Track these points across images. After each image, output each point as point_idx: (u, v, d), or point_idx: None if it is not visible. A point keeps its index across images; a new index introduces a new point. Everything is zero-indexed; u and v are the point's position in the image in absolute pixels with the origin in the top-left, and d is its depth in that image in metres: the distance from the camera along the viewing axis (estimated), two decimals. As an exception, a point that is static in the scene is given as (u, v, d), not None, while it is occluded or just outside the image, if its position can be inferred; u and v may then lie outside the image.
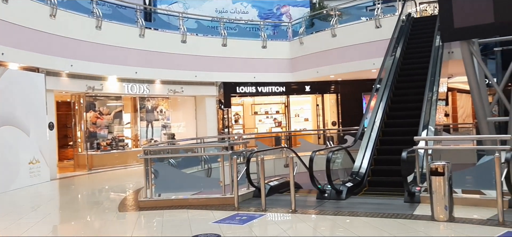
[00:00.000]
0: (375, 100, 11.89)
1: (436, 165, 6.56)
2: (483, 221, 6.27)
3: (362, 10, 18.58)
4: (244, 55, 18.03)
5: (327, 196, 8.44)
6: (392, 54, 13.19)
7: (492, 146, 8.55)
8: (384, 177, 9.58)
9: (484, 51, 14.10)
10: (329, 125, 20.01)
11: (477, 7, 9.09)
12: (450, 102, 21.98)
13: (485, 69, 10.46)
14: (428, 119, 10.32)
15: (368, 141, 10.57)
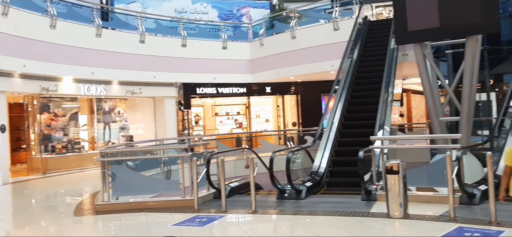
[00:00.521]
0: (334, 101, 12.12)
1: (391, 164, 6.76)
2: (436, 218, 6.51)
3: (321, 13, 18.89)
4: (204, 56, 17.93)
5: (287, 196, 8.52)
6: (350, 56, 13.48)
7: (444, 145, 8.95)
8: (342, 177, 9.73)
9: (436, 54, 14.64)
10: (290, 126, 20.21)
11: (427, 12, 9.42)
12: (405, 103, 22.69)
13: (437, 71, 10.86)
14: (384, 120, 10.61)
15: (327, 141, 10.76)
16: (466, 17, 9.16)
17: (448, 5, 9.26)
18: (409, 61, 13.60)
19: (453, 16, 9.28)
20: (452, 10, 9.27)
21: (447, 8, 9.30)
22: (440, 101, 10.82)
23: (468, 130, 9.93)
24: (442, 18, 9.37)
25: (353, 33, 14.33)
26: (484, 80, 14.07)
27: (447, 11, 9.31)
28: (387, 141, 9.71)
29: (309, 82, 19.53)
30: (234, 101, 20.13)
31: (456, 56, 13.69)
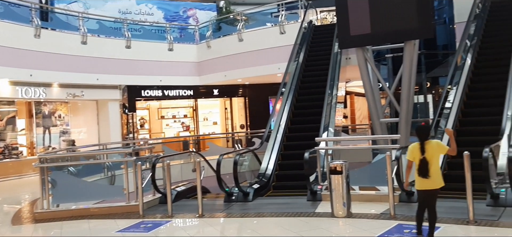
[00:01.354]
0: (280, 103, 12.28)
1: (335, 164, 6.96)
2: (377, 216, 6.77)
3: (268, 16, 19.10)
4: (150, 58, 17.58)
5: (234, 198, 8.54)
6: (296, 59, 13.71)
7: (384, 145, 9.31)
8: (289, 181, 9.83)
9: (377, 58, 15.24)
10: (238, 128, 20.25)
11: (368, 18, 9.78)
12: (349, 105, 23.38)
13: (378, 74, 11.28)
14: (328, 121, 10.87)
15: (274, 143, 10.87)
16: (404, 23, 9.59)
17: (387, 12, 9.66)
18: (352, 64, 14.03)
19: (392, 22, 9.69)
20: (391, 16, 9.67)
21: (386, 14, 9.69)
22: (380, 103, 11.24)
23: (407, 131, 10.37)
24: (382, 24, 9.76)
25: (299, 37, 14.58)
26: (422, 83, 14.83)
27: (386, 17, 9.70)
28: (332, 142, 9.97)
29: (257, 85, 19.67)
30: (181, 104, 19.89)
31: (395, 60, 14.32)
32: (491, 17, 12.87)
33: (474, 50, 11.63)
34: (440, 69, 15.20)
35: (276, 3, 17.65)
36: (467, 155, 6.18)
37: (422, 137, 5.32)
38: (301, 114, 12.02)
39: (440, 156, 5.63)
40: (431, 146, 5.26)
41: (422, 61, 14.63)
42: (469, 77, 11.02)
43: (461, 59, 11.41)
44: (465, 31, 11.84)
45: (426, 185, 5.25)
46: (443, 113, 10.19)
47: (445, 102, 10.44)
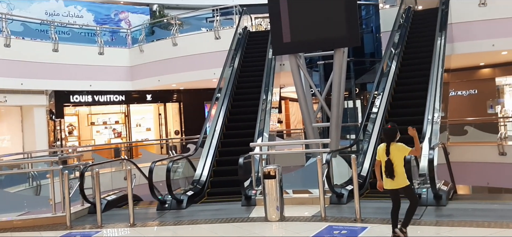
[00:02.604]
0: (216, 108, 12.25)
1: (268, 169, 7.04)
2: (309, 218, 6.93)
3: (202, 21, 18.99)
4: (79, 62, 16.83)
5: (167, 206, 8.39)
6: (231, 65, 13.75)
7: (316, 149, 9.57)
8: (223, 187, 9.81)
9: (309, 64, 15.68)
10: (172, 134, 19.92)
11: (300, 26, 10.05)
12: (284, 110, 23.84)
13: (310, 80, 11.59)
14: (263, 126, 11.01)
15: (209, 149, 10.81)
16: (334, 32, 9.95)
17: (318, 21, 9.97)
18: (286, 70, 14.29)
19: (322, 31, 10.02)
20: (321, 24, 10.00)
21: (317, 23, 10.00)
22: (313, 108, 11.55)
23: (337, 135, 10.74)
24: (313, 32, 10.07)
25: (234, 42, 14.64)
26: (351, 88, 15.44)
27: (317, 26, 10.02)
28: (266, 147, 10.09)
29: (192, 90, 19.47)
30: (112, 110, 19.22)
31: (326, 67, 14.80)
32: (414, 26, 13.70)
33: (399, 58, 12.31)
34: (368, 76, 15.90)
35: (211, 9, 17.59)
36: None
37: (388, 139, 5.57)
38: (236, 120, 12.07)
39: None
40: (395, 147, 5.52)
41: (351, 68, 15.23)
42: (394, 83, 11.65)
43: (387, 66, 12.04)
44: (390, 39, 12.49)
45: (393, 184, 5.54)
46: (371, 117, 10.69)
47: (372, 107, 10.96)
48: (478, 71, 17.15)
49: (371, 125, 10.48)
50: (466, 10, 13.27)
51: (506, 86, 17.79)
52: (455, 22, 13.05)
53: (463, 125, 13.30)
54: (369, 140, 10.11)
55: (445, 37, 12.06)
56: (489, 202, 7.79)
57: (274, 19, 10.39)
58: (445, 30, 12.34)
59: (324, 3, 9.92)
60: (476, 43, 13.12)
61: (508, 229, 5.81)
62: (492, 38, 12.95)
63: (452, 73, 15.68)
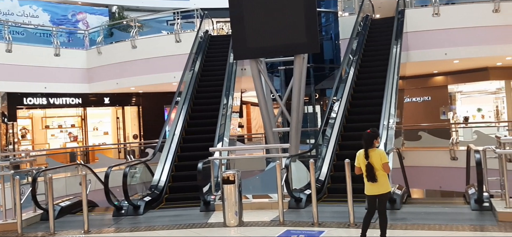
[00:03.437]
0: (175, 112, 12.11)
1: (227, 174, 7.02)
2: (268, 223, 6.95)
3: (163, 24, 18.77)
4: (34, 63, 16.23)
5: (124, 212, 8.21)
6: (191, 69, 13.64)
7: (276, 154, 9.62)
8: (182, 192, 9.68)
9: (271, 69, 15.77)
10: (131, 139, 19.53)
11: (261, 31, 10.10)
12: (245, 114, 23.87)
13: (271, 85, 11.65)
14: (223, 131, 10.97)
15: (168, 154, 10.66)
16: (294, 38, 10.05)
17: (279, 27, 10.04)
18: (247, 75, 14.31)
19: (283, 37, 10.09)
20: (282, 30, 10.07)
21: (277, 29, 10.07)
22: (273, 113, 11.60)
23: (297, 139, 10.84)
24: (274, 38, 10.13)
25: (195, 46, 14.53)
26: (311, 94, 15.65)
27: (278, 32, 10.08)
28: (226, 152, 10.06)
29: (151, 93, 19.17)
30: (68, 113, 18.64)
31: (287, 72, 14.93)
32: (371, 34, 14.07)
33: (356, 64, 12.60)
34: (327, 82, 16.17)
35: (171, 11, 17.42)
36: (348, 162, 6.61)
37: (367, 144, 5.60)
38: (196, 124, 11.97)
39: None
40: (375, 153, 5.57)
41: (311, 73, 15.43)
42: (351, 89, 11.91)
43: (345, 73, 12.28)
44: (348, 46, 12.76)
45: (375, 190, 5.56)
46: (329, 122, 10.87)
47: (331, 112, 11.16)
48: (431, 79, 17.80)
49: (329, 130, 10.65)
50: (420, 19, 13.77)
51: (457, 93, 18.55)
52: (410, 31, 13.51)
53: (417, 131, 13.75)
54: (328, 145, 10.27)
55: (400, 45, 12.45)
56: (441, 205, 8.08)
57: (236, 24, 10.40)
58: (401, 38, 12.75)
59: (284, 10, 10.01)
60: (430, 52, 13.63)
61: (457, 231, 6.04)
62: (445, 47, 13.49)
63: (407, 80, 16.21)
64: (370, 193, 5.63)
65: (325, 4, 16.49)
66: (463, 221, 6.52)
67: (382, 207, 5.65)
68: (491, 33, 13.22)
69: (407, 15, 13.68)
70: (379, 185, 5.54)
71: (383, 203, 5.66)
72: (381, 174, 5.54)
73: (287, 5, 9.99)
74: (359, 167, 5.70)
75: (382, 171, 5.55)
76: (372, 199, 5.66)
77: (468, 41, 13.32)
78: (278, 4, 10.02)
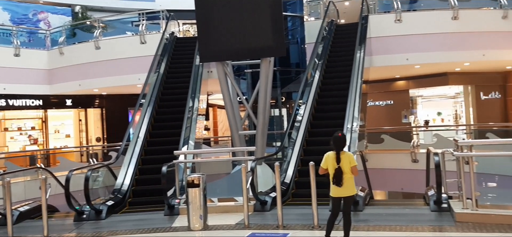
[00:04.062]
0: (139, 115, 11.92)
1: (192, 177, 6.96)
2: (233, 226, 6.94)
3: (128, 25, 18.46)
4: (-9, 63, 15.67)
5: (85, 217, 8.02)
6: (157, 71, 13.47)
7: (242, 157, 9.63)
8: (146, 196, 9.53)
9: (237, 72, 15.78)
10: (94, 141, 19.08)
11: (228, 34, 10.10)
12: (212, 117, 23.75)
13: (237, 88, 11.68)
14: (188, 134, 10.87)
15: (131, 157, 10.48)
16: (260, 41, 10.10)
17: (245, 30, 10.07)
18: (213, 78, 14.26)
19: (249, 40, 10.12)
20: (248, 34, 10.10)
21: (244, 32, 10.09)
22: (239, 116, 11.63)
23: (263, 142, 10.89)
24: (240, 41, 10.14)
25: (160, 47, 14.36)
26: (277, 97, 15.76)
27: (244, 35, 10.11)
28: (191, 155, 9.98)
29: (115, 95, 18.81)
30: (28, 115, 18.04)
31: (254, 75, 14.98)
32: (336, 39, 14.30)
33: (322, 68, 12.77)
34: (293, 85, 16.33)
35: (137, 12, 17.16)
36: (312, 165, 6.68)
37: (338, 147, 5.64)
38: (161, 127, 11.82)
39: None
40: (345, 156, 5.63)
41: (277, 77, 15.55)
42: (317, 92, 12.06)
43: (311, 76, 12.44)
44: (314, 50, 12.93)
45: (341, 192, 5.61)
46: (295, 125, 10.97)
47: (297, 115, 11.27)
48: (394, 83, 18.26)
49: (295, 133, 10.74)
50: (383, 25, 14.12)
51: (418, 98, 19.10)
52: (373, 36, 13.82)
53: (380, 134, 14.07)
54: (293, 147, 10.36)
55: (364, 50, 12.71)
56: (402, 207, 8.30)
57: (202, 26, 10.36)
58: (365, 43, 13.01)
59: (251, 13, 10.04)
60: (392, 57, 13.99)
61: (417, 232, 6.21)
62: (407, 52, 13.89)
63: (371, 84, 16.62)
64: (336, 195, 5.70)
65: (291, 8, 16.65)
66: (422, 222, 6.72)
67: (347, 209, 5.74)
68: (450, 40, 13.71)
69: (370, 21, 13.99)
70: (345, 188, 5.62)
71: (348, 205, 5.75)
72: (348, 177, 5.62)
73: (254, 8, 10.04)
74: (325, 168, 5.75)
75: (349, 174, 5.64)
76: (337, 201, 5.73)
77: (428, 47, 13.76)
78: (244, 7, 10.05)
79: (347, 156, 5.70)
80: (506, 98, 17.14)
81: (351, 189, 5.69)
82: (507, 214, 6.45)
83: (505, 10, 13.83)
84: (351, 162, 5.67)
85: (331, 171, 5.65)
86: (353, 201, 5.94)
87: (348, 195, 5.68)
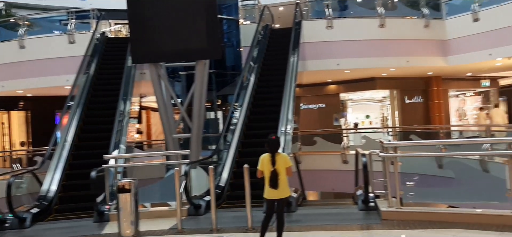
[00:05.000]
0: (67, 118, 11.41)
1: (123, 182, 6.75)
2: (165, 231, 6.83)
3: (56, 24, 17.57)
4: None
5: (8, 226, 7.55)
6: (86, 72, 12.97)
7: (176, 160, 9.49)
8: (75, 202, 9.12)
9: (172, 74, 15.51)
10: (17, 146, 17.97)
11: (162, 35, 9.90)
12: (145, 120, 23.18)
13: (171, 91, 11.47)
14: (119, 137, 10.55)
15: (58, 162, 10.00)
16: (195, 43, 9.99)
17: (180, 31, 9.93)
18: (146, 80, 13.93)
19: (184, 41, 9.99)
20: (183, 35, 9.97)
21: (178, 33, 9.94)
22: (173, 119, 11.45)
23: (198, 146, 10.79)
24: (175, 42, 9.98)
25: (90, 48, 13.82)
26: (213, 100, 15.69)
27: (178, 36, 9.96)
28: (122, 159, 9.69)
29: (41, 97, 17.81)
30: None
31: (189, 77, 14.80)
32: (271, 43, 14.53)
33: (257, 71, 12.92)
34: (229, 88, 16.32)
35: (65, 11, 16.39)
36: (247, 167, 6.72)
37: (273, 149, 5.65)
38: (91, 130, 11.39)
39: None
40: (280, 157, 5.66)
41: (213, 79, 15.47)
42: (252, 95, 12.18)
43: (246, 79, 12.54)
44: (249, 54, 13.07)
45: (275, 194, 5.64)
46: (230, 128, 11.00)
47: (232, 118, 11.31)
48: (326, 87, 18.87)
49: (230, 136, 10.78)
50: (316, 31, 14.56)
51: (348, 101, 19.87)
52: (307, 41, 14.20)
53: (313, 136, 14.49)
54: (229, 150, 10.38)
55: (298, 55, 13.03)
56: (332, 206, 8.59)
57: (134, 26, 10.08)
58: (298, 48, 13.34)
59: (186, 15, 9.92)
60: (324, 62, 14.46)
61: (346, 230, 6.46)
62: (338, 57, 14.42)
63: (304, 88, 17.05)
64: (270, 197, 5.76)
65: (227, 11, 16.66)
66: (351, 221, 6.99)
67: (281, 210, 5.83)
68: (377, 46, 14.43)
69: (304, 26, 14.37)
70: (279, 190, 5.68)
71: (281, 206, 5.84)
72: (283, 180, 5.70)
73: (189, 10, 9.91)
74: (262, 170, 5.80)
75: (284, 176, 5.71)
76: (271, 202, 5.81)
77: (357, 52, 14.39)
78: (179, 8, 9.90)
79: (282, 157, 5.79)
80: (428, 102, 18.28)
81: (285, 191, 5.79)
82: (428, 211, 6.87)
83: (427, 20, 14.80)
84: (286, 163, 5.77)
85: (267, 174, 5.71)
86: (286, 203, 6.06)
87: (282, 197, 5.77)
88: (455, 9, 15.22)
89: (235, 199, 8.95)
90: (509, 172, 6.17)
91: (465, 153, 9.03)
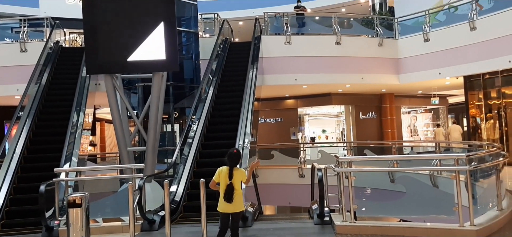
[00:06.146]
0: (16, 129, 10.93)
1: (73, 196, 6.50)
2: (117, 247, 6.62)
3: (7, 31, 16.88)
4: None
5: None
6: (38, 81, 12.51)
7: (129, 174, 9.27)
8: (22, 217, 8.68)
9: (128, 86, 15.21)
10: (-39, 158, 16.99)
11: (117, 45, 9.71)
12: (99, 132, 22.58)
13: (126, 102, 11.22)
14: (71, 150, 10.19)
15: (6, 175, 9.52)
16: (153, 55, 9.83)
17: (136, 42, 9.72)
18: (101, 90, 13.61)
19: (141, 52, 9.77)
20: (140, 46, 9.76)
21: (135, 44, 9.75)
22: (128, 131, 11.21)
23: (153, 159, 10.60)
24: (131, 53, 9.77)
25: (43, 57, 13.38)
26: (170, 112, 15.49)
27: (135, 47, 9.75)
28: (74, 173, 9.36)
29: (-11, 107, 17.02)
30: None
31: (146, 89, 14.58)
32: (230, 57, 14.58)
33: (216, 85, 12.90)
34: (187, 101, 16.19)
35: (17, 18, 15.80)
36: (203, 182, 6.66)
37: (232, 163, 5.61)
38: (41, 142, 10.94)
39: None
40: (238, 172, 5.64)
41: (170, 92, 15.30)
42: (210, 108, 12.13)
43: (204, 92, 12.49)
44: (208, 67, 13.05)
45: (230, 208, 5.60)
46: (187, 141, 10.88)
47: (189, 131, 11.19)
48: (284, 101, 19.10)
49: (187, 149, 10.65)
50: (274, 46, 14.76)
51: (306, 116, 20.19)
52: (265, 56, 14.35)
53: (270, 150, 14.58)
54: (185, 164, 10.25)
55: (256, 69, 13.11)
56: (288, 221, 8.61)
57: (90, 36, 9.83)
58: (257, 62, 13.43)
59: (143, 25, 9.77)
60: (282, 77, 14.66)
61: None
62: (295, 73, 14.65)
63: (262, 102, 17.17)
64: (224, 211, 5.72)
65: (186, 23, 16.57)
66: (306, 235, 7.03)
67: (235, 224, 5.80)
68: (334, 63, 14.79)
69: (263, 41, 14.52)
70: (234, 204, 5.65)
71: (236, 221, 5.81)
72: (238, 194, 5.67)
73: (146, 20, 9.79)
74: (216, 182, 5.75)
75: (239, 191, 5.70)
76: (226, 216, 5.76)
77: (314, 68, 14.68)
78: (136, 18, 9.76)
79: (240, 172, 5.77)
80: (381, 118, 18.86)
81: (240, 206, 5.76)
82: (380, 225, 7.01)
83: (381, 39, 15.32)
84: (242, 177, 5.76)
85: (223, 187, 5.67)
86: (241, 217, 6.03)
87: (236, 211, 5.74)
88: (407, 30, 15.89)
89: (191, 209, 8.83)
90: (456, 187, 6.42)
91: (416, 168, 9.34)
